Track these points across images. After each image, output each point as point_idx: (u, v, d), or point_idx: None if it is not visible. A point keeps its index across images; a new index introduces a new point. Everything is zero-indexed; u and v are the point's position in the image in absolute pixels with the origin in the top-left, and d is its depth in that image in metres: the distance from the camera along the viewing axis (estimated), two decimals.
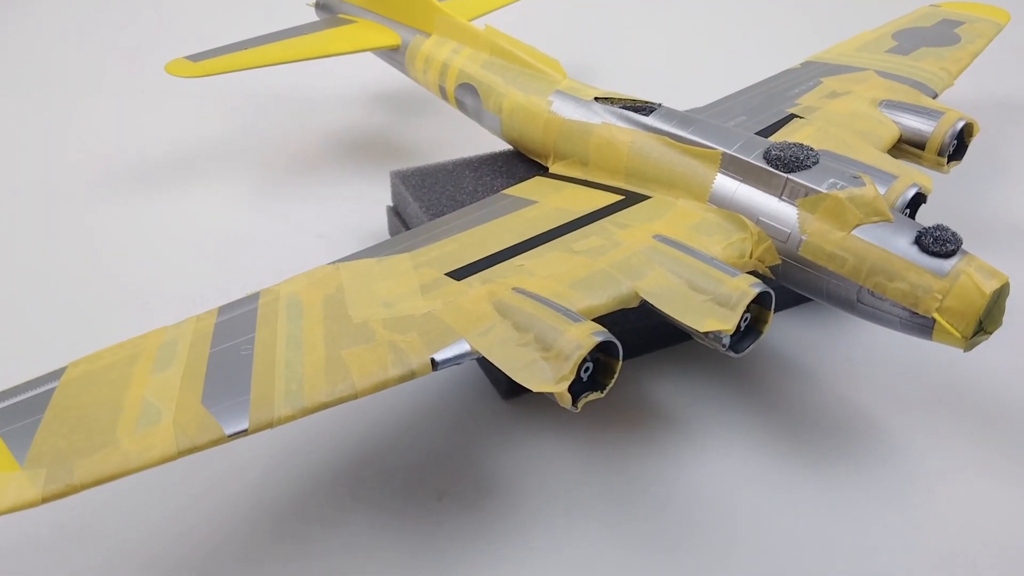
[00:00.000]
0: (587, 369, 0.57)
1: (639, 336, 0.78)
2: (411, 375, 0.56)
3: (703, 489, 0.67)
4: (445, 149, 1.10)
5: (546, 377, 0.56)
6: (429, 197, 0.85)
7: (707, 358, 0.78)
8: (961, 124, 0.83)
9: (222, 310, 0.63)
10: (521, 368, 0.57)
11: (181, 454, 0.50)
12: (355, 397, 0.55)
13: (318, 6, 1.14)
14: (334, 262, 0.68)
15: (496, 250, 0.68)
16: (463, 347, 0.58)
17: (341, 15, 1.09)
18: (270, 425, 0.52)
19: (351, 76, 1.32)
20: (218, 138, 1.20)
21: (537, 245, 0.69)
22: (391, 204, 0.92)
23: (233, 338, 0.59)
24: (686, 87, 1.29)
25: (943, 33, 1.03)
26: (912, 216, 0.74)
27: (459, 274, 0.65)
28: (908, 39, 1.02)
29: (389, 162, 1.07)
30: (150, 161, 1.14)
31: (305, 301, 0.63)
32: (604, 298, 0.63)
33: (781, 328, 0.81)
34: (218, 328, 0.60)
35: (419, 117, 1.24)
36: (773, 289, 0.63)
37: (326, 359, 0.56)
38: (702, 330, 0.61)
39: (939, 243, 0.62)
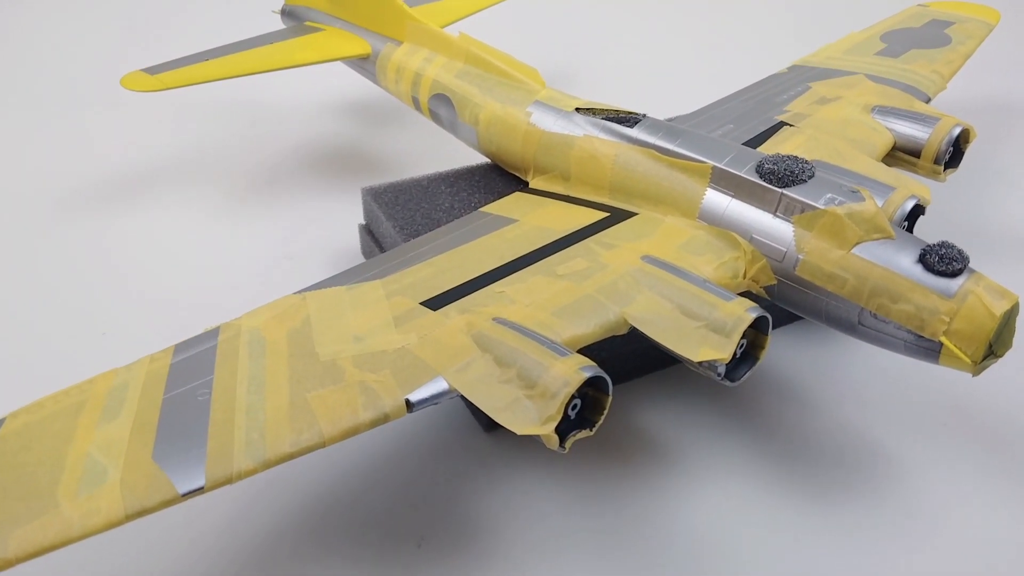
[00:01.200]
0: (575, 406, 0.53)
1: (627, 361, 0.74)
2: (384, 419, 0.52)
3: (699, 526, 0.63)
4: (420, 162, 1.06)
5: (531, 418, 0.52)
6: (403, 215, 0.80)
7: (699, 382, 0.74)
8: (958, 130, 0.79)
9: (178, 348, 0.58)
10: (503, 408, 0.52)
11: (129, 518, 0.45)
12: (322, 446, 0.50)
13: (284, 13, 1.09)
14: (300, 291, 0.64)
15: (474, 275, 0.64)
16: (440, 385, 0.54)
17: (308, 23, 1.04)
18: (229, 481, 0.47)
19: (320, 86, 1.27)
20: (177, 154, 1.14)
21: (518, 269, 0.65)
22: (363, 222, 0.88)
23: (189, 381, 0.54)
24: (669, 93, 1.26)
25: (933, 34, 1.00)
26: (910, 229, 0.71)
27: (435, 303, 0.61)
28: (897, 41, 0.99)
29: (361, 177, 1.03)
30: (103, 180, 1.08)
31: (268, 337, 0.58)
32: (591, 326, 0.59)
33: (777, 348, 0.78)
34: (173, 370, 0.55)
35: (392, 129, 1.19)
36: (767, 307, 0.59)
37: (290, 404, 0.52)
38: (696, 360, 0.57)
39: (945, 261, 0.58)
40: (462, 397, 0.69)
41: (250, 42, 0.99)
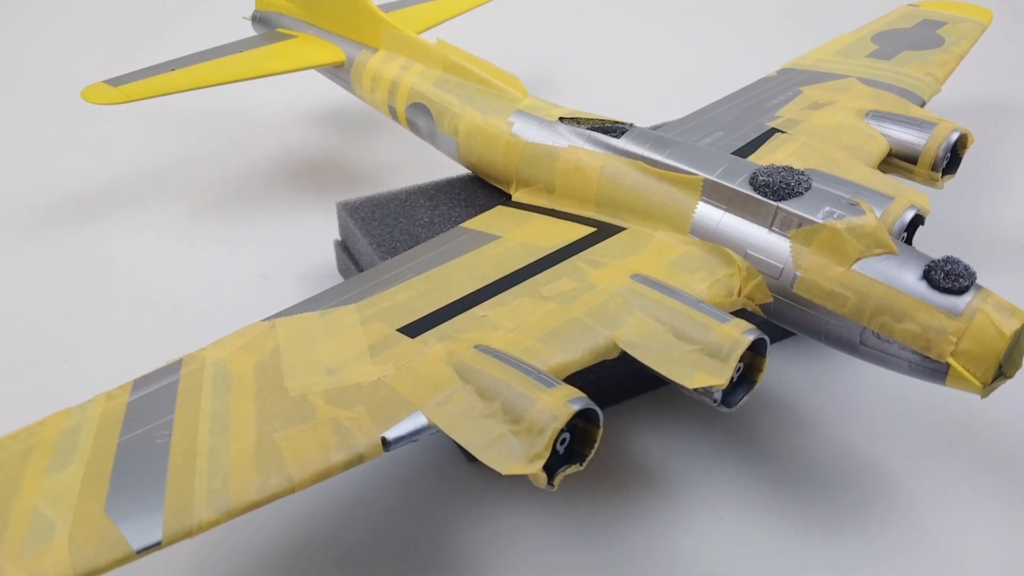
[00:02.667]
0: (563, 441, 0.50)
1: (618, 383, 0.70)
2: (358, 459, 0.48)
3: (696, 558, 0.60)
4: (399, 174, 1.02)
5: (516, 456, 0.48)
6: (380, 232, 0.77)
7: (693, 403, 0.71)
8: (956, 136, 0.77)
9: (137, 384, 0.54)
10: (487, 445, 0.49)
11: None
12: (291, 491, 0.46)
13: (254, 20, 1.05)
14: (270, 318, 0.60)
15: (455, 298, 0.61)
16: (419, 421, 0.50)
17: (280, 29, 1.00)
18: (189, 534, 0.44)
19: (293, 95, 1.22)
20: (142, 168, 1.09)
21: (502, 290, 0.61)
22: (339, 239, 0.84)
23: (147, 422, 0.50)
24: (656, 99, 1.23)
25: (925, 35, 0.97)
26: (910, 239, 0.68)
27: (413, 329, 0.57)
28: (889, 42, 0.96)
29: (337, 190, 0.99)
30: (63, 197, 1.03)
31: (235, 370, 0.54)
32: (579, 352, 0.55)
33: (774, 365, 0.74)
34: (131, 409, 0.51)
35: (370, 139, 1.14)
36: (763, 324, 0.56)
37: (257, 446, 0.48)
38: (691, 387, 0.54)
39: (951, 278, 0.55)
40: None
41: (218, 50, 0.95)
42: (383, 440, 0.49)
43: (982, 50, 1.01)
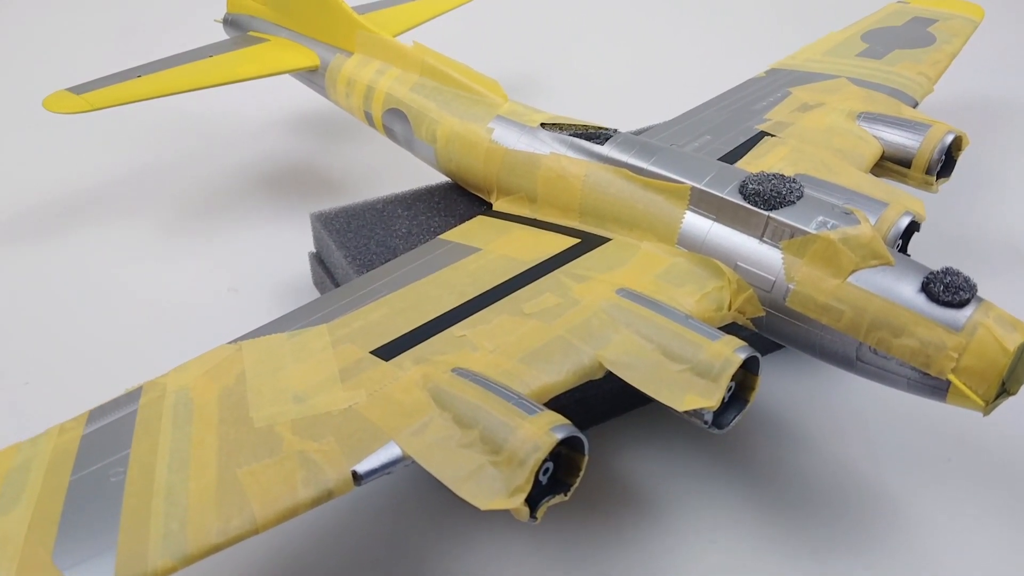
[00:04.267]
0: (546, 471, 0.47)
1: (603, 401, 0.68)
2: (327, 496, 0.45)
3: None
4: (376, 182, 0.99)
5: (496, 489, 0.45)
6: (355, 244, 0.73)
7: (683, 420, 0.68)
8: (950, 138, 0.74)
9: (93, 415, 0.51)
10: (465, 478, 0.46)
11: None
12: (255, 532, 0.43)
13: (226, 23, 1.02)
14: (236, 340, 0.57)
15: (432, 316, 0.58)
16: (392, 452, 0.47)
17: (252, 32, 0.97)
18: None
19: (266, 100, 1.18)
20: (107, 178, 1.05)
21: (481, 307, 0.58)
22: (314, 251, 0.81)
23: (102, 457, 0.47)
24: (640, 102, 1.20)
25: (916, 33, 0.95)
26: (905, 246, 0.66)
27: (387, 351, 0.54)
28: (879, 40, 0.93)
29: (312, 199, 0.96)
30: (25, 209, 0.99)
31: (197, 399, 0.51)
32: (563, 373, 0.53)
33: (768, 379, 0.72)
34: (85, 443, 0.48)
35: (347, 146, 1.10)
36: (753, 337, 0.53)
37: (218, 483, 0.45)
38: (681, 409, 0.51)
39: (951, 291, 0.53)
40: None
41: (187, 55, 0.92)
42: (354, 474, 0.46)
43: (974, 47, 0.98)
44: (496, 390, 0.49)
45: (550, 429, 0.46)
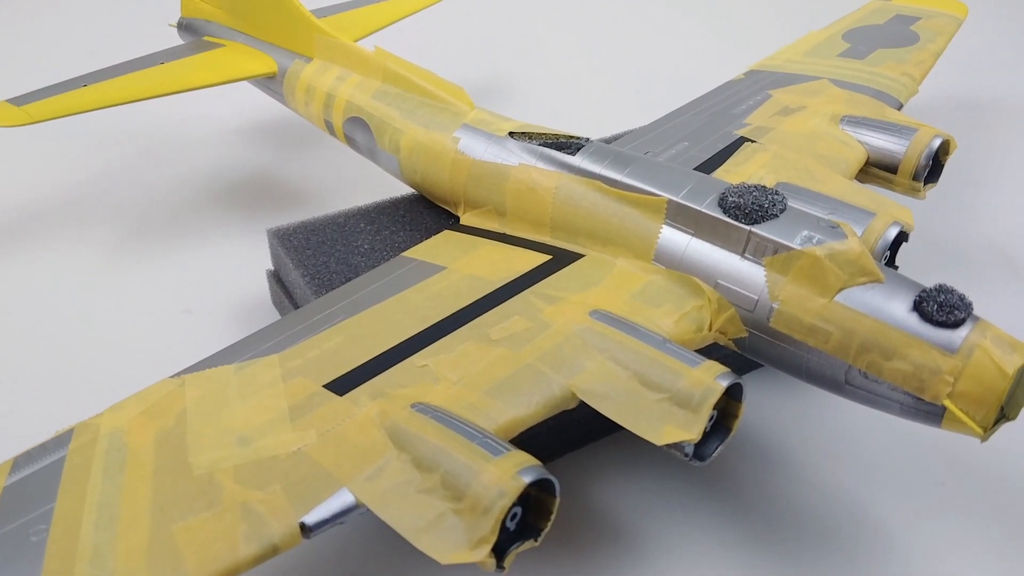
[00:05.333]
0: (514, 516, 0.43)
1: (578, 426, 0.64)
2: (272, 551, 0.41)
3: None
4: (339, 194, 0.94)
5: (459, 540, 0.42)
6: (314, 262, 0.69)
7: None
8: (938, 142, 0.71)
9: (17, 463, 0.47)
10: (424, 528, 0.42)
11: None
12: None
13: (181, 27, 0.97)
14: (179, 374, 0.52)
15: (392, 344, 0.54)
16: (344, 500, 0.43)
17: (207, 37, 0.92)
18: None
19: (222, 108, 1.12)
20: (49, 192, 0.98)
21: (445, 333, 0.55)
22: (272, 268, 0.76)
23: (23, 513, 0.43)
24: (614, 106, 1.16)
25: (899, 31, 0.92)
26: (893, 258, 0.63)
27: (342, 385, 0.50)
28: (861, 40, 0.90)
29: (270, 213, 0.91)
30: None
31: (132, 442, 0.47)
32: (532, 405, 0.49)
33: (751, 398, 0.67)
34: (6, 496, 0.44)
35: (306, 156, 1.05)
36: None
37: (150, 541, 0.41)
38: (659, 443, 0.48)
39: (945, 310, 0.49)
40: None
41: (138, 62, 0.87)
42: (302, 526, 0.42)
43: (958, 45, 0.95)
44: (459, 428, 0.45)
45: (517, 472, 0.42)
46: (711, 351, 0.55)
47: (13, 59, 1.31)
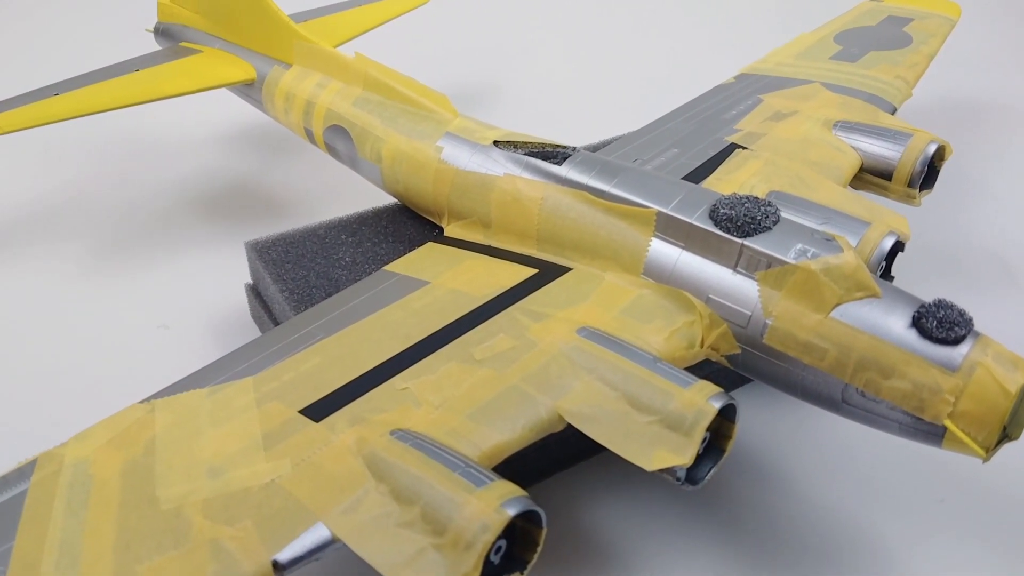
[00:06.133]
0: (499, 549, 0.41)
1: (565, 446, 0.62)
2: None
3: None
4: (319, 203, 0.92)
5: None
6: (293, 276, 0.67)
7: None
8: (933, 148, 0.70)
9: None
10: (404, 564, 0.40)
11: None
12: None
13: (157, 32, 0.95)
14: (149, 399, 0.50)
15: (372, 365, 0.52)
16: (320, 534, 0.41)
17: (184, 43, 0.90)
18: None
19: (199, 116, 1.09)
20: (23, 202, 0.96)
21: (427, 353, 0.53)
22: (250, 282, 0.74)
23: None
24: (601, 111, 1.13)
25: (891, 33, 0.90)
26: (888, 269, 0.61)
27: (319, 410, 0.48)
28: (853, 42, 0.89)
29: (249, 224, 0.88)
30: None
31: (98, 474, 0.45)
32: (517, 429, 0.47)
33: (746, 414, 0.66)
34: None
35: (286, 164, 1.02)
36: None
37: None
38: (650, 468, 0.46)
39: (945, 326, 0.48)
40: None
41: (111, 70, 0.84)
42: (274, 564, 0.40)
43: (950, 47, 0.94)
44: (441, 456, 0.43)
45: (501, 505, 0.40)
46: (701, 363, 0.54)
47: None
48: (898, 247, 0.60)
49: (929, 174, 0.72)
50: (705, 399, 0.47)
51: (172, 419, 0.48)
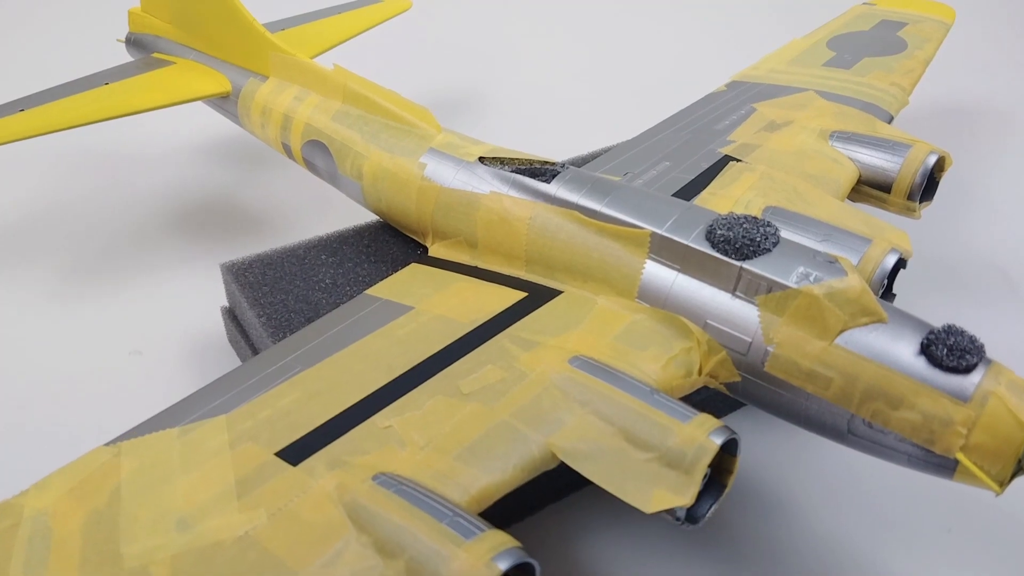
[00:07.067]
0: None
1: (558, 476, 0.59)
2: None
3: None
4: (298, 221, 0.88)
5: None
6: (271, 300, 0.64)
7: None
8: (933, 159, 0.68)
9: None
10: None
11: None
12: None
13: (129, 43, 0.91)
14: (115, 440, 0.47)
15: (353, 401, 0.49)
16: None
17: (156, 54, 0.87)
18: None
19: (173, 129, 1.05)
20: None
21: (412, 386, 0.50)
22: (226, 305, 0.71)
23: None
24: (589, 122, 1.10)
25: (885, 38, 0.88)
26: (889, 288, 0.58)
27: (296, 452, 0.45)
28: (847, 47, 0.86)
29: (226, 243, 0.85)
30: None
31: (58, 528, 0.42)
32: (508, 469, 0.45)
33: (746, 440, 0.63)
34: None
35: (265, 180, 0.98)
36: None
37: None
38: (649, 511, 0.43)
39: (955, 354, 0.45)
40: None
41: (80, 83, 0.81)
42: None
43: (945, 51, 0.91)
44: (426, 504, 0.41)
45: (491, 559, 0.38)
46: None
47: None
48: (900, 264, 0.58)
49: (928, 185, 0.70)
50: (705, 434, 0.44)
51: (139, 463, 0.45)
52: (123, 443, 0.47)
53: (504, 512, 0.48)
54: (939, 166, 0.69)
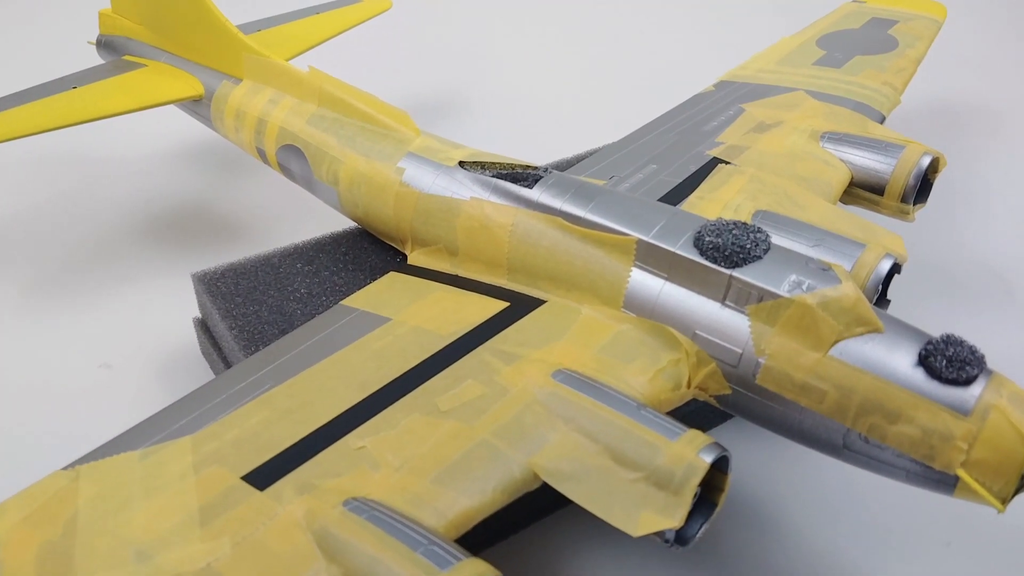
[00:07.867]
0: None
1: (542, 495, 0.57)
2: None
3: None
4: (274, 227, 0.86)
5: None
6: (244, 312, 0.62)
7: None
8: (927, 161, 0.66)
9: None
10: None
11: None
12: None
13: (100, 45, 0.89)
14: (74, 464, 0.45)
15: (325, 421, 0.47)
16: None
17: (128, 56, 0.84)
18: None
19: (145, 132, 1.01)
20: None
21: (387, 404, 0.48)
22: (199, 316, 0.69)
23: None
24: (573, 124, 1.07)
25: (876, 36, 0.86)
26: (884, 294, 0.57)
27: (264, 475, 0.43)
28: (837, 46, 0.85)
29: (198, 251, 0.82)
30: None
31: (9, 562, 0.39)
32: (487, 492, 0.43)
33: (738, 454, 0.61)
34: None
35: (239, 185, 0.95)
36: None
37: None
38: (636, 534, 0.41)
39: (955, 365, 0.44)
40: None
41: (46, 88, 0.78)
42: None
43: (936, 48, 0.90)
44: (400, 532, 0.39)
45: None
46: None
47: None
48: (895, 269, 0.56)
49: (922, 187, 0.68)
50: (695, 452, 0.42)
51: (98, 489, 0.43)
52: (81, 467, 0.45)
53: (485, 532, 0.46)
54: (933, 167, 0.67)
